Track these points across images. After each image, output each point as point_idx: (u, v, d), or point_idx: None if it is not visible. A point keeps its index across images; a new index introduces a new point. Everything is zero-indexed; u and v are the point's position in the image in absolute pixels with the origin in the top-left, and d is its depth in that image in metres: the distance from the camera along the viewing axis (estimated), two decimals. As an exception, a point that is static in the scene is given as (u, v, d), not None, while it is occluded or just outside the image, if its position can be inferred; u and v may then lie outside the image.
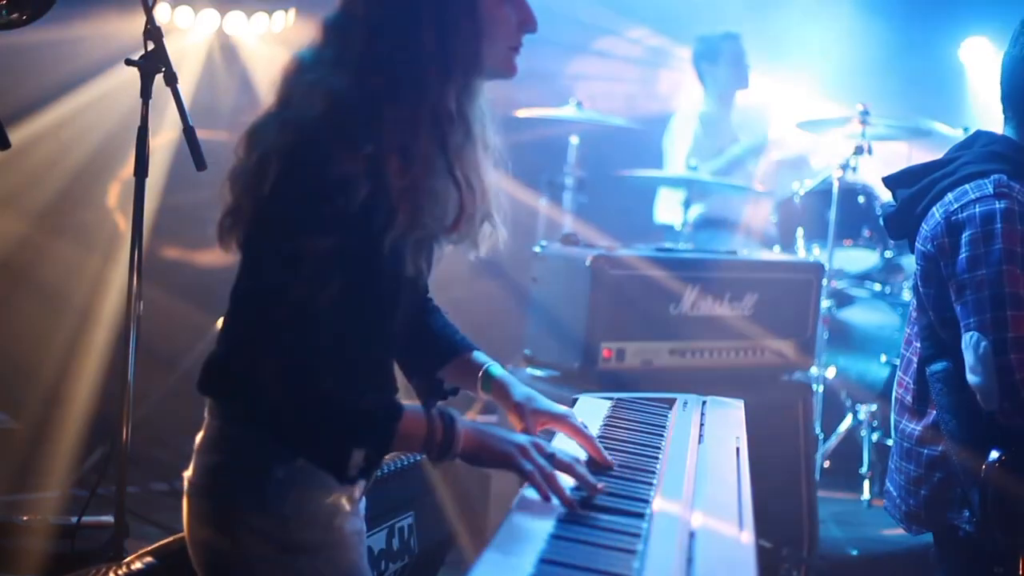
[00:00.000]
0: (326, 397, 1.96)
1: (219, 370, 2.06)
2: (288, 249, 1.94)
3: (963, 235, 2.79)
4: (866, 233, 5.79)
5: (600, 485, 2.09)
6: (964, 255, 2.78)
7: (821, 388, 5.46)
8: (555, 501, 2.03)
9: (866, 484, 5.54)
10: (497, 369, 2.40)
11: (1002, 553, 2.80)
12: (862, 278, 5.92)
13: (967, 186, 2.85)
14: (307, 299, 1.93)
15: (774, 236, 6.07)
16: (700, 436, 2.58)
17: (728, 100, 6.50)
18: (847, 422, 5.81)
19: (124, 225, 5.31)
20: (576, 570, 1.75)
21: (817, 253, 5.79)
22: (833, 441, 5.76)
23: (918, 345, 2.98)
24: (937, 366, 2.90)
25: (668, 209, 6.25)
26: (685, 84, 6.83)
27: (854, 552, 4.90)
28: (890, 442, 5.28)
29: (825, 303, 5.42)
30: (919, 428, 2.95)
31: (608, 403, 2.90)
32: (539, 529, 1.95)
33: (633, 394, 3.04)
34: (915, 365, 2.99)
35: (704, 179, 5.78)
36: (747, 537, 1.88)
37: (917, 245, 2.96)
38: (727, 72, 6.42)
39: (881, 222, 3.23)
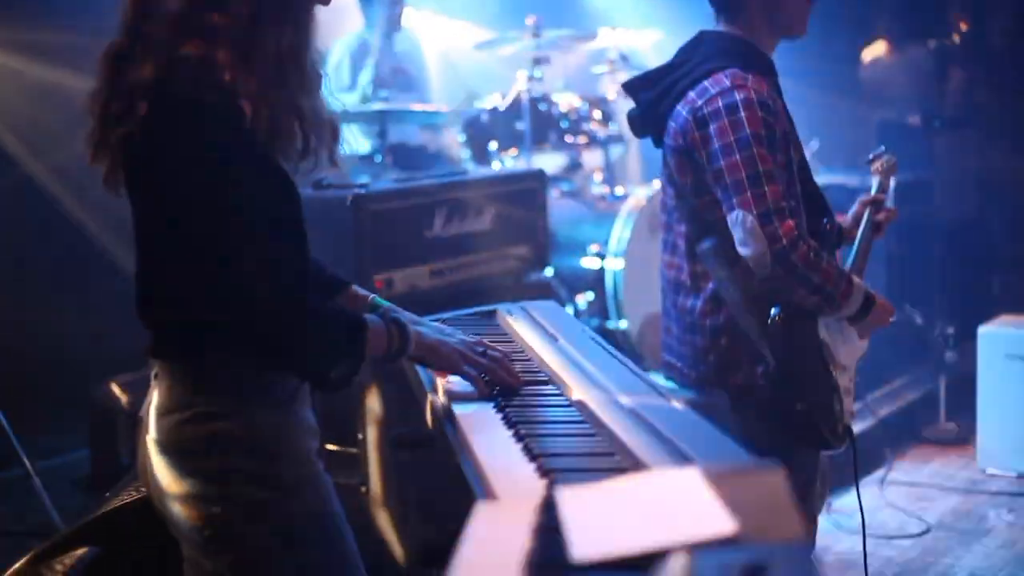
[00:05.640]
0: (308, 315, 2.13)
1: (182, 326, 2.16)
2: (201, 184, 2.06)
3: (711, 127, 3.10)
4: (552, 138, 6.19)
5: (520, 378, 2.38)
6: (716, 145, 3.09)
7: (546, 286, 5.79)
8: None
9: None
10: (381, 300, 2.59)
11: (797, 395, 3.20)
12: (555, 180, 6.31)
13: (706, 83, 3.15)
14: (248, 225, 2.07)
15: (466, 154, 6.36)
16: (552, 336, 2.80)
17: (388, 35, 6.63)
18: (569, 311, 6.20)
19: None
20: (566, 457, 1.94)
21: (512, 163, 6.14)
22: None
23: (683, 228, 3.30)
24: (706, 244, 3.23)
25: (359, 140, 6.39)
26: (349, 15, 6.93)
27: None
28: (612, 326, 5.74)
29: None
30: (699, 302, 3.25)
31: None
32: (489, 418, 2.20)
33: (450, 313, 3.23)
34: (683, 246, 3.30)
35: (386, 109, 5.92)
36: (678, 404, 2.13)
37: (666, 141, 3.26)
38: (382, 10, 6.57)
39: (628, 122, 3.52)
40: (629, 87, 3.45)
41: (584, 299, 6.05)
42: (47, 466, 4.97)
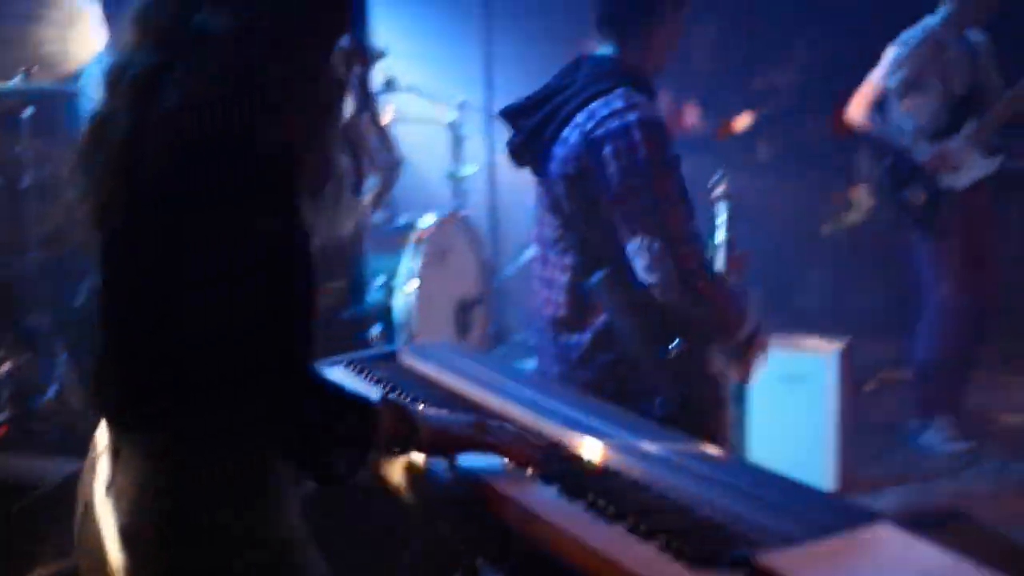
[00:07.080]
0: (319, 396, 1.85)
1: (174, 393, 1.82)
2: (236, 232, 1.76)
3: (604, 151, 2.95)
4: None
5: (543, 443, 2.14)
6: (613, 169, 2.94)
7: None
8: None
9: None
10: None
11: (697, 425, 3.19)
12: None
13: (595, 104, 3.00)
14: (281, 290, 1.79)
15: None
16: (490, 383, 2.59)
17: None
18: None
19: None
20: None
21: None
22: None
23: (567, 262, 3.13)
24: (599, 275, 3.06)
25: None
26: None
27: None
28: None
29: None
30: (586, 338, 3.12)
31: (342, 368, 2.83)
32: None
33: (353, 354, 3.00)
34: (565, 281, 3.15)
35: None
36: (709, 449, 2.07)
37: (552, 168, 3.09)
38: None
39: (508, 151, 3.34)
40: (507, 114, 3.26)
41: (373, 331, 5.90)
42: None
